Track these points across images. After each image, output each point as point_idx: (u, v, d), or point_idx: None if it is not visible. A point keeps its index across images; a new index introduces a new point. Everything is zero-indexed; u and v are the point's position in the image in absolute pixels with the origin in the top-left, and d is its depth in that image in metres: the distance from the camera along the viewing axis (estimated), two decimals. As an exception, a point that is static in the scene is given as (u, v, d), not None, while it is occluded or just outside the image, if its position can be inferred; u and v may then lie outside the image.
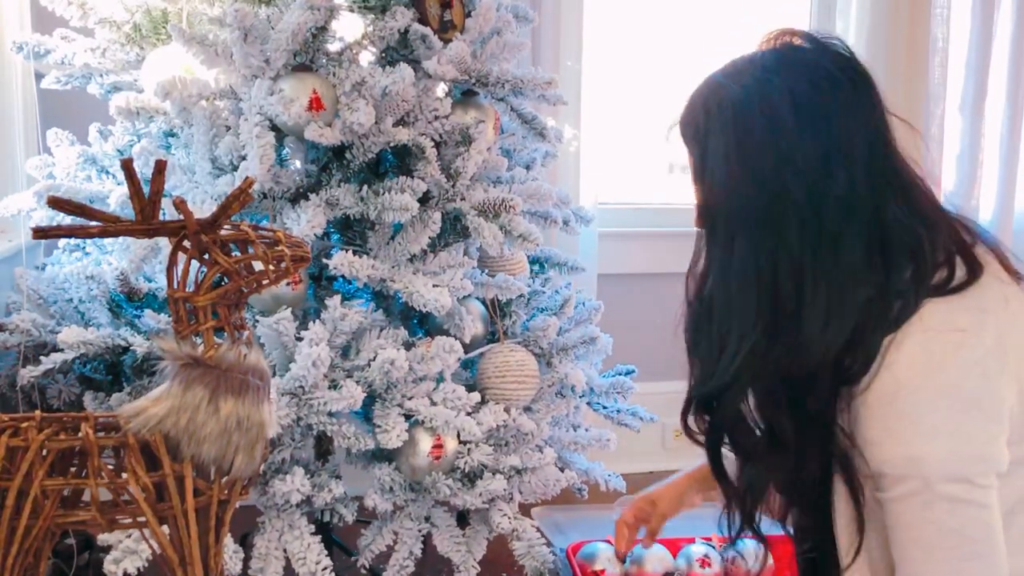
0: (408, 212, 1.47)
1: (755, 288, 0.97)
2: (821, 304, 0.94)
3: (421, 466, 1.54)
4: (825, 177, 0.94)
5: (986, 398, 0.92)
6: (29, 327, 1.50)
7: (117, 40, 1.70)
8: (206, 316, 1.04)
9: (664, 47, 2.67)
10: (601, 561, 1.86)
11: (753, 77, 0.98)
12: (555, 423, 1.80)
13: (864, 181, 0.95)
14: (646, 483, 1.33)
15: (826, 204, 0.94)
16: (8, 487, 1.00)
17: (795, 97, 0.95)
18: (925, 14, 2.67)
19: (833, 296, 0.94)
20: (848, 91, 0.97)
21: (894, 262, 0.95)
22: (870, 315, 0.94)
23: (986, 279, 0.96)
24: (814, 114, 0.95)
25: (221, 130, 1.52)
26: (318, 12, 1.45)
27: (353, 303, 1.56)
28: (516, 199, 1.57)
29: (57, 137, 1.75)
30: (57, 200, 0.95)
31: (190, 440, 1.00)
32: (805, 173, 0.94)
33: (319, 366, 1.38)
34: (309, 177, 1.55)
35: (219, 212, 1.01)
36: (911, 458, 0.92)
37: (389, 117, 1.51)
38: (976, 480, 0.92)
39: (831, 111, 0.96)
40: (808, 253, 0.95)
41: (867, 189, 0.95)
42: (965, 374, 0.91)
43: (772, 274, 0.96)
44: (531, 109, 1.79)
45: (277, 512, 1.47)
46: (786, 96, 0.95)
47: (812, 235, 0.94)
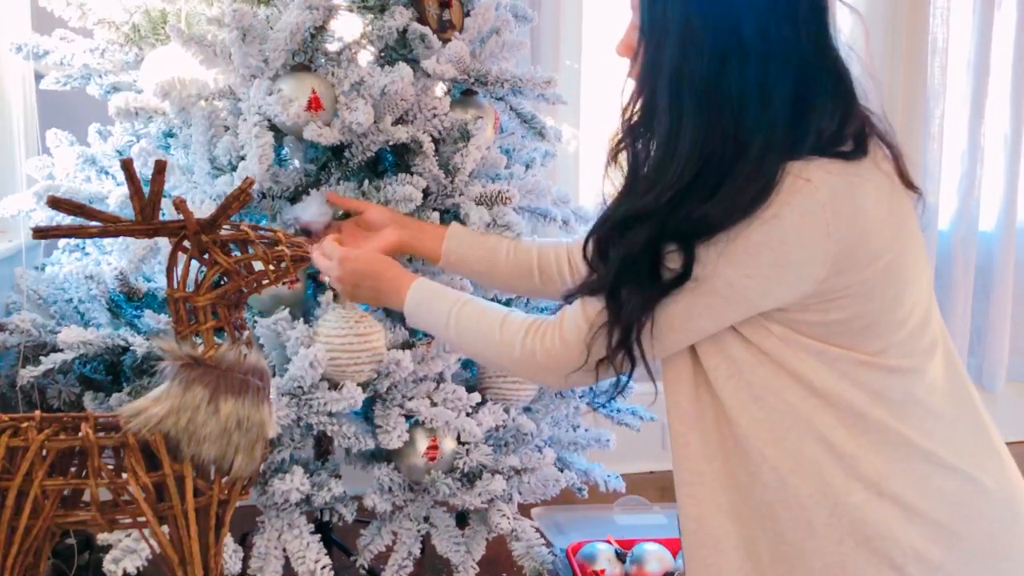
0: (412, 203, 1.47)
1: (705, 119, 0.98)
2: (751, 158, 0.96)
3: (418, 466, 1.54)
4: (774, 22, 0.98)
5: (793, 249, 0.96)
6: (29, 327, 1.50)
7: (116, 41, 1.70)
8: (206, 316, 1.04)
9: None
10: (601, 561, 1.87)
11: None
12: (555, 423, 1.80)
13: (806, 41, 0.99)
14: (646, 484, 1.33)
15: (771, 49, 0.97)
16: (8, 487, 1.00)
17: None
18: (924, 14, 2.68)
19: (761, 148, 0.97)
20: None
21: (806, 125, 0.98)
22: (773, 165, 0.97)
23: (865, 162, 1.00)
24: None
25: (220, 130, 1.52)
26: (316, 12, 1.45)
27: (353, 303, 1.56)
28: (512, 191, 1.58)
29: (56, 138, 1.75)
30: (57, 200, 0.95)
31: (190, 440, 1.01)
32: (757, 14, 0.97)
33: (316, 366, 1.38)
34: (308, 176, 1.55)
35: (219, 212, 1.01)
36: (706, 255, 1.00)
37: (388, 116, 1.51)
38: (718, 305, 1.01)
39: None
40: (749, 92, 0.97)
41: (807, 50, 0.99)
42: (787, 217, 0.95)
43: (717, 104, 0.98)
44: (530, 108, 1.79)
45: (277, 511, 1.47)
46: None
47: (754, 75, 0.97)
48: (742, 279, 0.98)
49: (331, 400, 1.41)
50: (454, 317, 1.22)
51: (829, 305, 1.00)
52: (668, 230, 1.00)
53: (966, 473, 1.02)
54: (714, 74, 0.98)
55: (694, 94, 0.99)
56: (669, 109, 1.00)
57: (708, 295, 1.00)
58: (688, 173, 0.98)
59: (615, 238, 1.05)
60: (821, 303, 0.99)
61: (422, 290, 1.28)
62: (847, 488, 1.00)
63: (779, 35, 0.98)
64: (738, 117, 0.97)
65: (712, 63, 0.98)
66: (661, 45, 1.02)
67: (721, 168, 0.97)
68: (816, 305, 1.00)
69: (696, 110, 0.99)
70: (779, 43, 0.98)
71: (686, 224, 0.98)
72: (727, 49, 0.98)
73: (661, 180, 1.00)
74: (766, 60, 0.97)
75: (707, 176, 0.98)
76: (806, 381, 1.01)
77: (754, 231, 0.96)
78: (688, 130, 0.99)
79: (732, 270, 0.98)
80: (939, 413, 1.03)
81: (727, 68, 0.98)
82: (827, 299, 0.99)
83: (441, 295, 1.27)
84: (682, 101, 0.99)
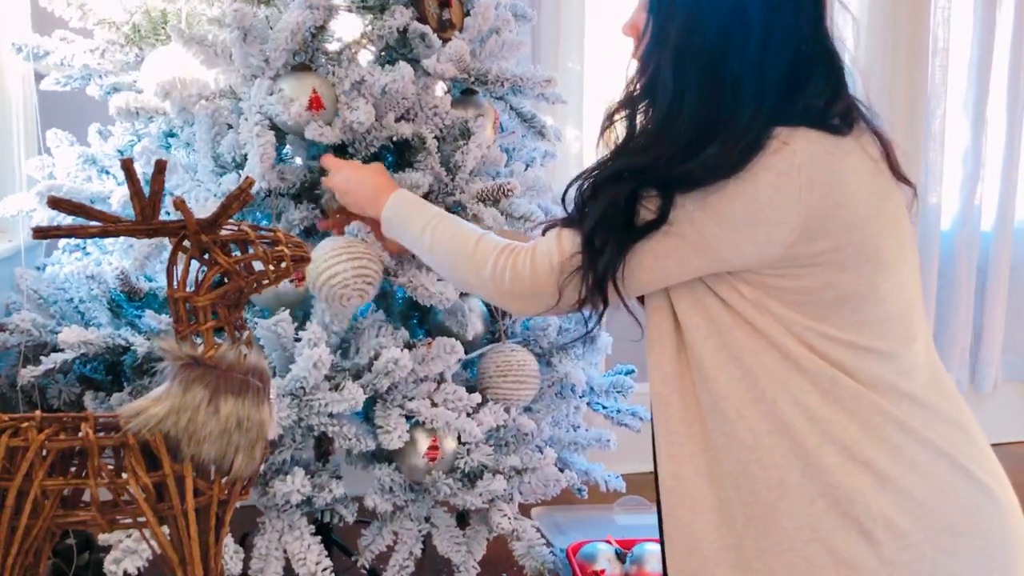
0: (420, 189, 1.48)
1: (706, 90, 1.03)
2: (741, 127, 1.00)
3: (419, 467, 1.54)
4: (777, 7, 1.02)
5: (763, 208, 0.99)
6: (29, 327, 1.50)
7: (116, 41, 1.70)
8: (206, 316, 1.04)
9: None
10: (601, 561, 1.87)
11: None
12: (555, 423, 1.80)
13: (804, 24, 1.04)
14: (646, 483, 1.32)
15: (773, 31, 1.02)
16: (8, 487, 1.00)
17: None
18: (925, 14, 2.68)
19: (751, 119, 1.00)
20: None
21: (795, 101, 1.02)
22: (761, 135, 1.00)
23: (848, 139, 1.03)
24: None
25: (223, 128, 1.52)
26: (317, 11, 1.45)
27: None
28: (514, 182, 1.58)
29: (57, 138, 1.75)
30: (57, 200, 0.95)
31: (190, 440, 1.00)
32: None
33: (320, 367, 1.38)
34: (312, 173, 1.55)
35: (219, 212, 1.01)
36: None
37: (390, 113, 1.51)
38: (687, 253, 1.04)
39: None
40: (748, 69, 1.01)
41: (807, 34, 1.04)
42: (760, 177, 0.98)
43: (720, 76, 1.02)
44: (530, 108, 1.79)
45: (277, 512, 1.47)
46: None
47: (754, 54, 1.01)
48: (711, 228, 1.01)
49: (332, 401, 1.41)
50: (430, 228, 1.25)
51: (801, 271, 1.02)
52: (651, 180, 1.04)
53: (941, 450, 1.03)
54: (718, 51, 1.02)
55: (697, 69, 1.03)
56: (672, 82, 1.04)
57: (677, 238, 1.03)
58: (685, 139, 1.03)
59: (601, 189, 1.08)
60: (792, 268, 1.01)
61: (401, 200, 1.32)
62: (820, 451, 1.01)
63: (781, 17, 1.02)
64: (736, 91, 1.01)
65: (717, 40, 1.02)
66: (668, 23, 1.06)
67: (713, 135, 1.01)
68: (787, 270, 1.02)
69: (698, 82, 1.03)
70: (780, 25, 1.02)
71: (670, 176, 1.03)
72: (731, 28, 1.02)
73: (659, 143, 1.04)
74: (767, 40, 1.01)
75: (699, 142, 1.02)
76: (779, 345, 1.03)
77: (731, 185, 0.99)
78: (691, 100, 1.03)
79: (704, 217, 1.01)
80: (917, 398, 1.04)
81: (730, 46, 1.02)
82: (799, 264, 1.01)
83: (420, 207, 1.31)
84: (686, 74, 1.03)
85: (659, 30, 1.07)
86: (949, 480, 1.02)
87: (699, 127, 1.02)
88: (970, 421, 1.09)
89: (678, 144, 1.03)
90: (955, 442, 1.05)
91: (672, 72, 1.04)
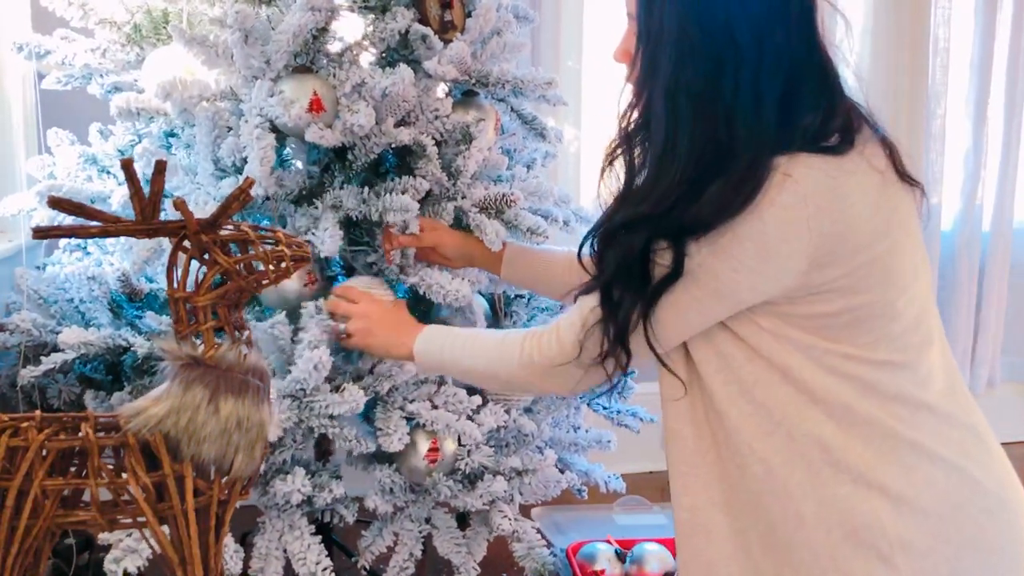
0: (409, 212, 1.47)
1: (701, 126, 1.00)
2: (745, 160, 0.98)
3: (419, 468, 1.54)
4: (768, 29, 0.99)
5: (773, 243, 0.98)
6: (29, 327, 1.50)
7: (117, 40, 1.70)
8: (206, 316, 1.04)
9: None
10: (601, 561, 1.87)
11: None
12: (555, 424, 1.80)
13: (797, 44, 1.01)
14: (646, 484, 1.32)
15: (764, 54, 0.99)
16: (8, 487, 1.00)
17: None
18: (926, 14, 2.68)
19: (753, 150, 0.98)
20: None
21: (793, 124, 0.99)
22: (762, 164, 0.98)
23: (851, 155, 1.00)
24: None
25: (223, 131, 1.52)
26: (319, 13, 1.44)
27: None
28: (517, 192, 1.58)
29: (57, 137, 1.75)
30: (57, 200, 0.95)
31: (190, 440, 1.00)
32: (752, 21, 0.99)
33: (321, 369, 1.38)
34: (311, 178, 1.55)
35: (219, 212, 1.01)
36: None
37: (390, 118, 1.51)
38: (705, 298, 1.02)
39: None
40: (741, 97, 0.99)
41: (799, 52, 1.01)
42: (767, 212, 0.97)
43: (712, 110, 0.99)
44: (531, 109, 1.79)
45: (277, 512, 1.47)
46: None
47: (748, 81, 0.98)
48: (729, 273, 1.00)
49: (332, 403, 1.40)
50: (459, 347, 1.26)
51: (816, 298, 1.01)
52: (662, 230, 1.02)
53: (954, 464, 1.02)
54: (710, 80, 1.00)
55: (690, 100, 1.01)
56: (665, 116, 1.02)
57: (697, 289, 1.02)
58: (684, 178, 1.00)
59: (612, 242, 1.07)
60: (808, 296, 1.01)
61: (431, 334, 1.32)
62: (835, 479, 1.01)
63: (772, 40, 0.99)
64: (730, 121, 0.99)
65: (708, 70, 1.00)
66: (657, 53, 1.04)
67: (714, 170, 0.99)
68: (803, 298, 1.01)
69: (692, 116, 1.01)
70: (772, 47, 0.99)
71: (679, 224, 1.00)
72: (722, 56, 0.99)
73: (658, 186, 1.02)
74: (759, 64, 0.99)
75: (701, 179, 1.00)
76: (794, 376, 1.02)
77: (739, 225, 0.98)
78: (684, 136, 1.01)
79: (719, 263, 1.00)
80: (932, 407, 1.04)
81: (722, 74, 0.99)
82: (813, 292, 1.00)
83: (448, 333, 1.31)
84: (678, 108, 1.01)
85: (648, 59, 1.05)
86: (964, 495, 1.02)
87: (697, 163, 1.00)
88: (981, 423, 1.08)
89: (678, 184, 1.01)
90: (967, 449, 1.04)
91: (664, 105, 1.03)
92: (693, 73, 1.00)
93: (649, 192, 1.03)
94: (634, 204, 1.05)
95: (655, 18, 1.04)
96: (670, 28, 1.02)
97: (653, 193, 1.03)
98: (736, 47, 0.99)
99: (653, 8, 1.04)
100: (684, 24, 1.01)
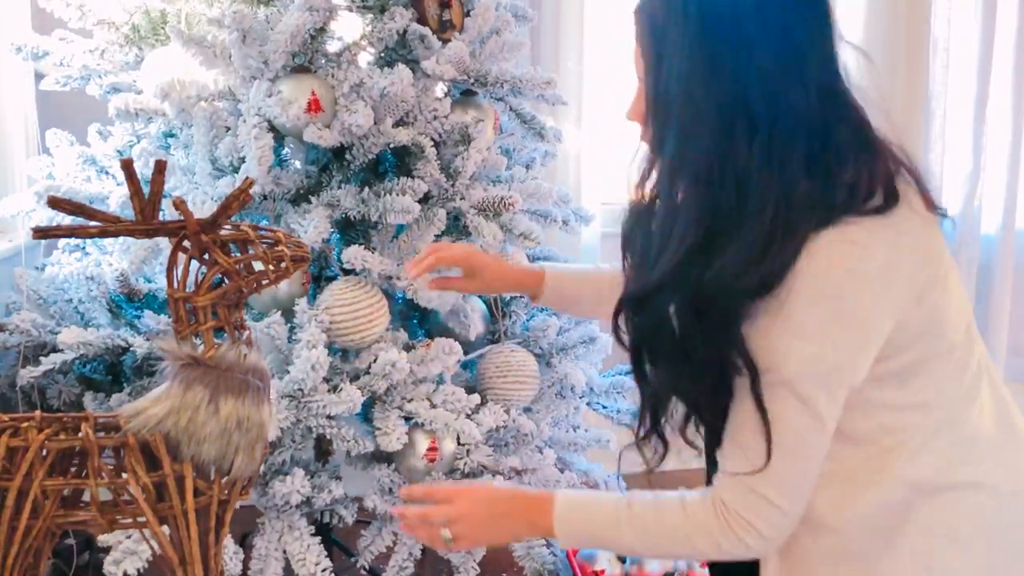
0: (410, 214, 1.47)
1: (702, 190, 0.96)
2: (760, 224, 0.93)
3: (418, 468, 1.54)
4: (782, 88, 0.94)
5: (861, 312, 0.94)
6: (29, 327, 1.50)
7: (116, 41, 1.70)
8: (206, 316, 1.04)
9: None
10: (601, 561, 1.87)
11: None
12: (555, 424, 1.80)
13: (815, 100, 0.95)
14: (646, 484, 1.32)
15: (780, 115, 0.94)
16: (8, 487, 1.00)
17: (760, 4, 0.95)
18: (926, 13, 2.68)
19: (773, 218, 0.93)
20: (806, 8, 0.97)
21: (832, 184, 0.94)
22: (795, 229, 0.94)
23: (900, 208, 0.96)
24: (777, 24, 0.95)
25: (221, 131, 1.52)
26: (317, 13, 1.44)
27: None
28: (515, 196, 1.58)
29: (57, 138, 1.75)
30: (56, 200, 0.95)
31: (190, 440, 1.00)
32: (764, 81, 0.94)
33: (318, 369, 1.38)
34: (309, 178, 1.55)
35: (219, 212, 1.01)
36: (777, 351, 0.95)
37: (388, 118, 1.51)
38: (832, 390, 0.96)
39: (791, 23, 0.95)
40: (755, 163, 0.94)
41: (818, 109, 0.95)
42: (847, 284, 0.93)
43: (720, 179, 0.95)
44: (530, 109, 1.79)
45: (277, 513, 1.47)
46: (752, 2, 0.95)
47: (762, 145, 0.94)
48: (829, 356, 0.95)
49: (330, 403, 1.40)
50: (624, 520, 1.07)
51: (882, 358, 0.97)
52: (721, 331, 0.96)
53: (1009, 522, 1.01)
54: (722, 148, 0.95)
55: (697, 168, 0.96)
56: (670, 180, 0.99)
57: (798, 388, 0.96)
58: (687, 245, 0.96)
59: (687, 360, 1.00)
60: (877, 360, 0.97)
61: (569, 504, 1.11)
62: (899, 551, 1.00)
63: (787, 98, 0.94)
64: (743, 188, 0.94)
65: (717, 138, 0.95)
66: (666, 118, 0.99)
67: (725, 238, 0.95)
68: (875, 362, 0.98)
69: (698, 183, 0.96)
70: (788, 107, 0.94)
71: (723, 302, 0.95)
72: (733, 122, 0.94)
73: (664, 253, 0.98)
74: (774, 128, 0.94)
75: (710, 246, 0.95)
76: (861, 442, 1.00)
77: (814, 308, 0.93)
78: (691, 203, 0.96)
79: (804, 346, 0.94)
80: (990, 439, 1.02)
81: (734, 141, 0.94)
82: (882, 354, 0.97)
83: (594, 502, 1.12)
84: (684, 174, 0.97)
85: (659, 125, 1.00)
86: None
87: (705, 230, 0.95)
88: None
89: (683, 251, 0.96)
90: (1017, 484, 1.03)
91: (676, 171, 0.98)
92: (699, 142, 0.95)
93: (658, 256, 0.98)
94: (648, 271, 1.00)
95: (662, 82, 0.99)
96: (676, 93, 0.97)
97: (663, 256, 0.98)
98: (747, 112, 0.94)
99: (660, 72, 0.99)
100: (690, 88, 0.96)
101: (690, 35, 0.96)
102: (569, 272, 1.45)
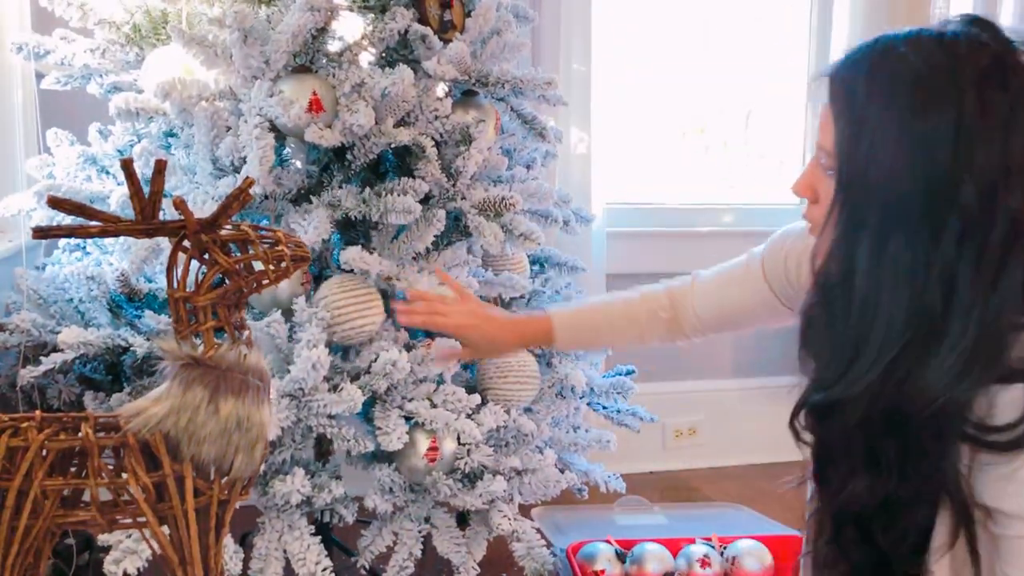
0: (411, 215, 1.47)
1: (908, 293, 0.86)
2: (971, 329, 0.84)
3: (419, 467, 1.54)
4: (1002, 188, 0.83)
5: None
6: (29, 327, 1.50)
7: (117, 40, 1.70)
8: (206, 316, 1.04)
9: (672, 48, 2.67)
10: (601, 561, 1.87)
11: (943, 59, 0.88)
12: (555, 424, 1.80)
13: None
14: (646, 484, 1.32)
15: (997, 218, 0.83)
16: (8, 487, 1.00)
17: (984, 97, 0.85)
18: (925, 14, 2.67)
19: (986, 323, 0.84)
20: None
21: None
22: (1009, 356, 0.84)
23: None
24: (1000, 120, 0.85)
25: (222, 131, 1.52)
26: (318, 13, 1.44)
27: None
28: (516, 196, 1.58)
29: (57, 137, 1.75)
30: (57, 200, 0.95)
31: (190, 440, 1.00)
32: (982, 178, 0.83)
33: (319, 368, 1.38)
34: (310, 178, 1.55)
35: (219, 212, 1.01)
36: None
37: (390, 118, 1.51)
38: None
39: (1017, 121, 0.85)
40: (966, 267, 0.84)
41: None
42: None
43: (925, 281, 0.85)
44: (531, 109, 1.79)
45: (277, 512, 1.47)
46: (975, 93, 0.85)
47: (974, 248, 0.84)
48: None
49: (331, 402, 1.41)
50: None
51: None
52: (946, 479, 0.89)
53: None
54: (925, 246, 0.85)
55: (899, 265, 0.86)
56: (868, 277, 0.88)
57: None
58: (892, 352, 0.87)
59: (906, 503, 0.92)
60: None
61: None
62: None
63: (1006, 199, 0.83)
64: (949, 293, 0.84)
65: (924, 234, 0.85)
66: (862, 206, 0.89)
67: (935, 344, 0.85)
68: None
69: (898, 284, 0.86)
70: (1006, 207, 0.83)
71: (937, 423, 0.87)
72: (943, 219, 0.84)
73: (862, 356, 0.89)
74: (990, 229, 0.83)
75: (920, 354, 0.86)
76: None
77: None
78: (886, 306, 0.87)
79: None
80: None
81: (942, 240, 0.84)
82: None
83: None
84: (882, 271, 0.87)
85: (850, 212, 0.89)
86: None
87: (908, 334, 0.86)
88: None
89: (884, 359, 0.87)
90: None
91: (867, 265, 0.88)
92: (904, 236, 0.85)
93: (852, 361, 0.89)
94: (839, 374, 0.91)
95: (859, 164, 0.89)
96: (878, 180, 0.87)
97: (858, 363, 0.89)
98: (961, 210, 0.83)
99: (858, 151, 0.89)
100: (895, 178, 0.86)
101: (901, 116, 0.87)
102: (574, 307, 1.46)
